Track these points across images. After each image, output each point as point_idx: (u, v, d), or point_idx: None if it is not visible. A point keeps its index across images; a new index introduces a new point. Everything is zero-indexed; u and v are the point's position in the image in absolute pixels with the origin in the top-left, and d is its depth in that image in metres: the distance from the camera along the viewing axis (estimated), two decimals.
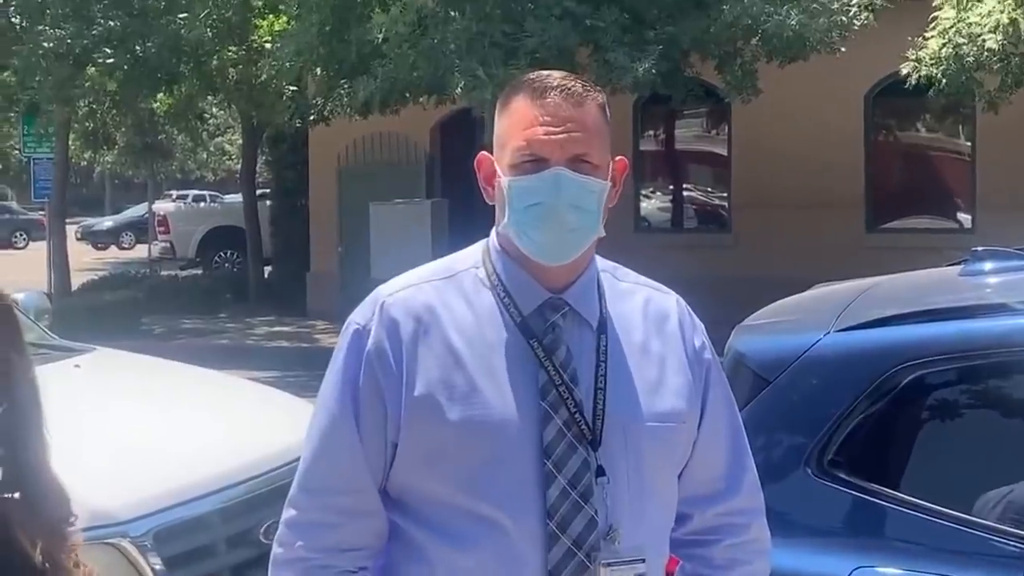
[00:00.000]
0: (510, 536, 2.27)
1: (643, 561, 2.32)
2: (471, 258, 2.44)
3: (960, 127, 17.90)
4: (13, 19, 19.50)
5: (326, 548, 2.35)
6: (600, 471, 2.29)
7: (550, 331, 2.34)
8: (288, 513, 2.40)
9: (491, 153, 2.40)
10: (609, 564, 2.28)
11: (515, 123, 2.33)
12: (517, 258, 2.37)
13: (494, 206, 2.39)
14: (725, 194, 19.01)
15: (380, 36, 13.89)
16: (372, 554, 2.38)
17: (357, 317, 2.39)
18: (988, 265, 3.85)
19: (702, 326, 2.52)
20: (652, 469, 2.36)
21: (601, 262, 2.49)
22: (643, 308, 2.45)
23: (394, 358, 2.31)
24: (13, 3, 19.34)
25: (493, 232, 2.43)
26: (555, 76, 2.36)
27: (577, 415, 2.29)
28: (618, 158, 2.42)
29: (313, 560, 2.34)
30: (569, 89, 2.32)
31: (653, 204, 20.01)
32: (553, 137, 2.29)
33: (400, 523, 2.36)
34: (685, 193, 20.00)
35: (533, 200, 2.29)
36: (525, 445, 2.28)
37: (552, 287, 2.37)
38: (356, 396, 2.34)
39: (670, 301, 2.50)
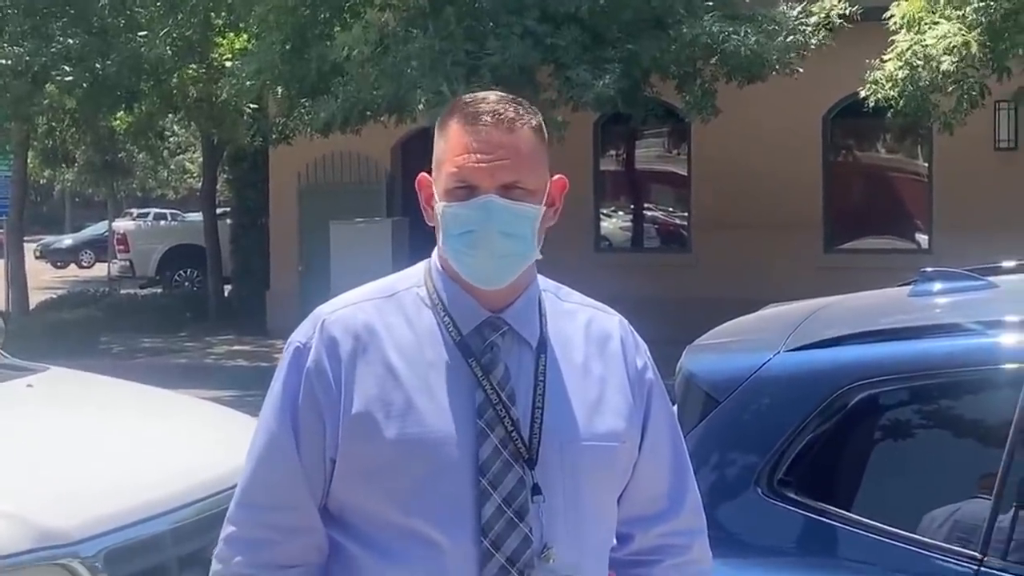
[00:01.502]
0: (444, 553, 2.28)
1: None
2: (413, 277, 2.46)
3: (917, 148, 18.03)
4: None
5: (264, 564, 2.36)
6: (536, 489, 2.30)
7: (488, 350, 2.35)
8: (227, 529, 2.41)
9: (431, 174, 2.41)
10: None
11: (448, 148, 2.35)
12: (457, 278, 2.38)
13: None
14: (685, 214, 19.07)
15: (343, 55, 13.89)
16: (311, 571, 2.38)
17: (298, 335, 2.41)
18: (937, 285, 3.88)
19: (645, 347, 2.53)
20: (590, 488, 2.36)
21: (544, 282, 2.50)
22: (585, 328, 2.46)
23: (333, 376, 2.33)
24: None
25: (435, 252, 2.45)
26: (490, 100, 2.36)
27: (514, 433, 2.30)
28: (556, 177, 2.43)
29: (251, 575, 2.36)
30: (501, 115, 2.33)
31: (614, 224, 20.05)
32: (483, 165, 2.30)
33: (339, 540, 2.37)
34: (646, 213, 20.06)
35: (465, 228, 2.31)
36: (461, 463, 2.29)
37: (491, 307, 2.38)
38: (295, 413, 2.35)
39: (613, 322, 2.51)
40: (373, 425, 2.29)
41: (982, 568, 3.13)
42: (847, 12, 14.24)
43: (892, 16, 13.20)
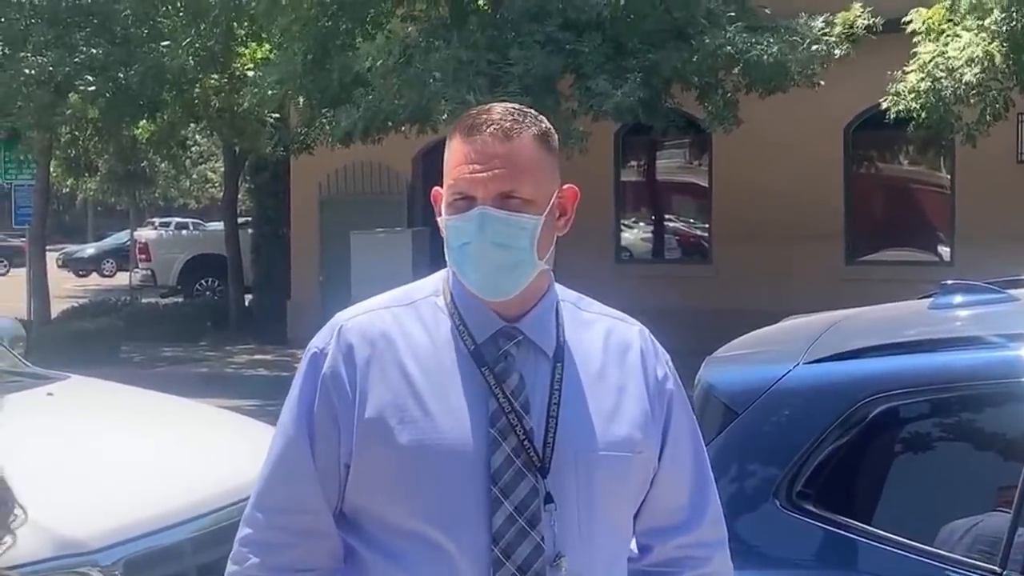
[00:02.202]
0: (455, 560, 2.28)
1: None
2: (431, 286, 2.47)
3: (940, 160, 17.96)
4: None
5: (279, 567, 2.38)
6: (549, 498, 2.30)
7: (502, 359, 2.36)
8: (243, 532, 2.43)
9: None
10: None
11: (450, 161, 2.37)
12: None
13: None
14: (706, 225, 19.04)
15: (366, 65, 13.92)
16: (325, 575, 2.40)
17: (316, 342, 2.43)
18: (957, 298, 3.87)
19: (667, 357, 2.53)
20: (604, 498, 2.36)
21: (565, 292, 2.50)
22: (604, 338, 2.46)
23: (348, 382, 2.35)
24: None
25: None
26: (493, 111, 2.37)
27: (526, 442, 2.31)
28: (566, 186, 2.43)
29: None
30: (498, 124, 2.33)
31: (634, 235, 20.04)
32: (477, 176, 2.31)
33: (354, 545, 2.38)
34: (667, 224, 20.04)
35: (463, 240, 2.33)
36: (473, 471, 2.30)
37: (507, 316, 2.39)
38: (311, 419, 2.37)
39: (633, 332, 2.51)
40: (386, 431, 2.30)
41: None
42: (870, 23, 14.21)
43: (911, 22, 13.16)
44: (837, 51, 14.18)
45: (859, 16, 14.28)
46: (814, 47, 14.06)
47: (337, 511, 2.39)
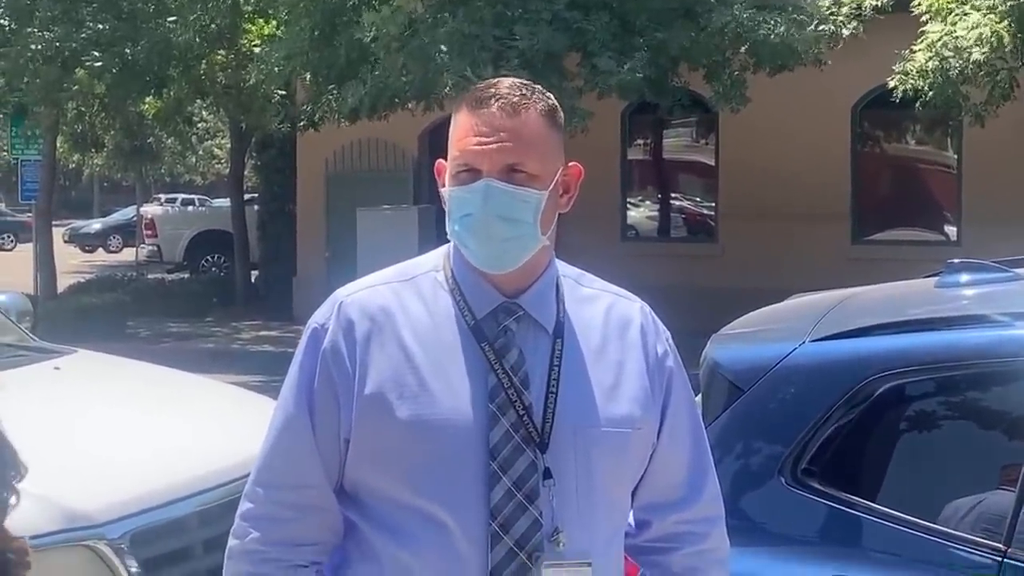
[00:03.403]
0: (453, 535, 2.29)
1: (588, 564, 2.34)
2: (432, 261, 2.47)
3: (947, 140, 17.94)
4: (1, 21, 19.45)
5: (279, 541, 2.39)
6: (547, 473, 2.31)
7: (502, 334, 2.36)
8: (244, 506, 2.44)
9: None
10: (552, 565, 2.30)
11: (455, 134, 2.37)
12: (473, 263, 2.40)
13: None
14: (712, 204, 19.03)
15: (369, 35, 13.89)
16: (325, 549, 2.42)
17: (317, 317, 2.43)
18: (963, 277, 3.86)
19: (668, 334, 2.53)
20: (603, 474, 2.37)
21: (565, 268, 2.50)
22: (605, 314, 2.46)
23: (348, 357, 2.35)
24: (2, 5, 19.30)
25: None
26: (501, 85, 2.37)
27: (525, 417, 2.32)
28: (571, 164, 2.43)
29: (266, 553, 2.38)
30: (506, 98, 2.33)
31: (640, 213, 20.03)
32: (484, 147, 2.31)
33: (354, 520, 2.39)
34: (673, 202, 20.02)
35: (465, 211, 2.33)
36: (472, 446, 2.30)
37: (507, 291, 2.39)
38: (311, 394, 2.38)
39: (634, 308, 2.50)
40: (386, 406, 2.31)
41: (1006, 560, 3.13)
42: (879, 3, 14.16)
43: (919, 4, 13.13)
44: (845, 30, 14.14)
45: None
46: (821, 27, 14.02)
47: (337, 486, 2.40)
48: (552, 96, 2.43)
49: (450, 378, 2.33)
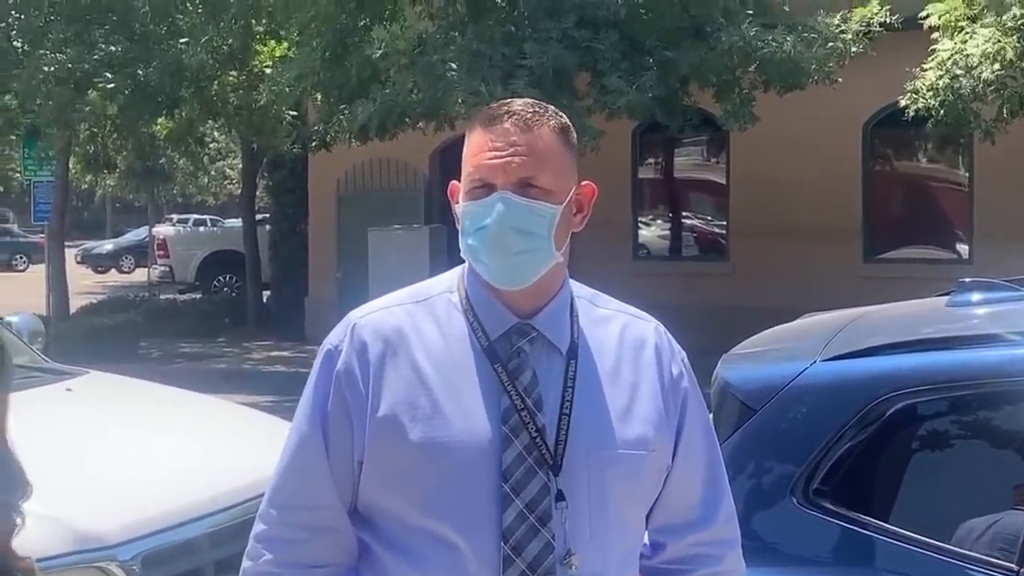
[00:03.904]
0: (465, 557, 2.28)
1: None
2: (446, 282, 2.47)
3: (958, 158, 17.91)
4: (15, 43, 19.55)
5: (293, 563, 2.39)
6: (560, 496, 2.30)
7: (515, 356, 2.35)
8: (258, 527, 2.44)
9: None
10: None
11: (469, 151, 2.37)
12: (487, 284, 2.39)
13: None
14: (723, 223, 19.01)
15: (379, 51, 13.91)
16: (339, 571, 2.41)
17: (331, 339, 2.43)
18: (975, 296, 3.86)
19: (683, 354, 2.52)
20: (616, 496, 2.36)
21: (579, 288, 2.50)
22: (619, 335, 2.46)
23: (362, 379, 2.35)
24: (15, 27, 19.39)
25: None
26: (515, 103, 2.38)
27: (538, 440, 2.31)
28: (584, 183, 2.43)
29: (279, 574, 2.39)
30: (519, 115, 2.34)
31: (652, 232, 20.02)
32: (498, 161, 2.31)
33: (368, 541, 2.39)
34: (684, 221, 20.01)
35: (479, 224, 2.33)
36: (484, 468, 2.30)
37: (520, 312, 2.39)
38: (325, 415, 2.38)
39: (648, 328, 2.50)
40: (399, 428, 2.31)
41: None
42: (887, 20, 14.16)
43: (928, 16, 13.12)
44: (853, 48, 14.14)
45: (876, 13, 14.23)
46: (830, 44, 14.02)
47: (351, 507, 2.40)
48: (564, 115, 2.43)
49: (463, 400, 2.32)
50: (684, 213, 20.12)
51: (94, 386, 6.01)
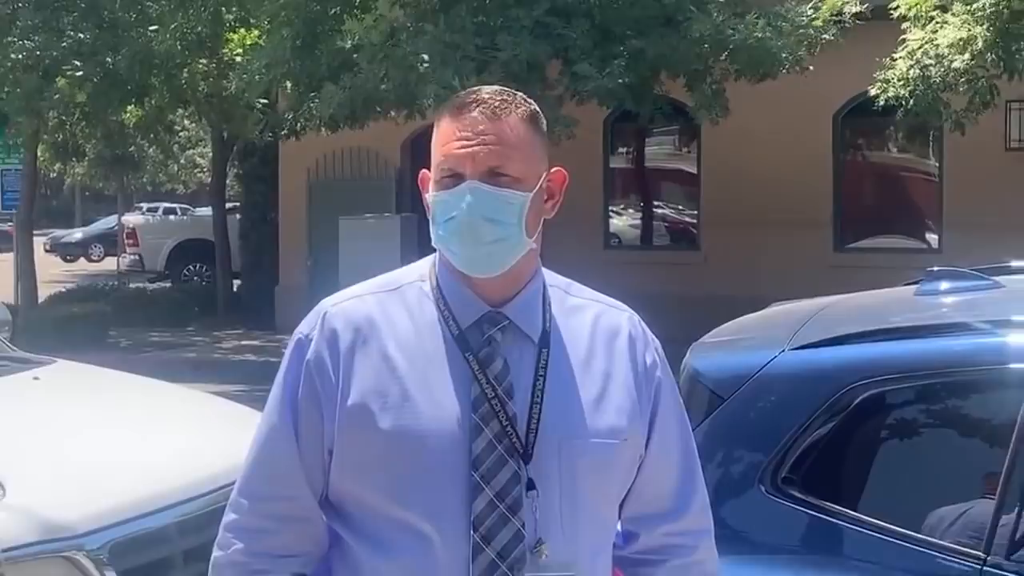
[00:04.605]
0: (435, 546, 2.28)
1: None
2: (418, 271, 2.46)
3: (928, 147, 17.98)
4: None
5: (262, 553, 2.38)
6: (530, 484, 2.30)
7: (486, 344, 2.35)
8: (228, 517, 2.43)
9: None
10: None
11: (438, 140, 2.36)
12: (458, 272, 2.38)
13: None
14: (695, 212, 19.04)
15: (351, 43, 13.88)
16: (309, 561, 2.41)
17: (302, 327, 2.43)
18: (943, 285, 3.87)
19: (656, 344, 2.51)
20: (588, 485, 2.35)
21: (553, 277, 2.49)
22: (592, 324, 2.45)
23: (332, 367, 2.34)
24: None
25: None
26: (483, 91, 2.38)
27: (508, 428, 2.30)
28: (554, 169, 2.43)
29: (249, 564, 2.38)
30: (487, 103, 2.33)
31: (623, 221, 20.04)
32: (466, 151, 2.30)
33: (339, 531, 2.38)
34: (655, 210, 20.04)
35: (449, 214, 2.32)
36: (454, 456, 2.29)
37: (492, 301, 2.38)
38: (295, 404, 2.37)
39: (622, 317, 2.49)
40: (368, 416, 2.30)
41: (985, 567, 3.13)
42: (857, 8, 14.17)
43: (898, 6, 13.15)
44: (824, 35, 14.15)
45: (846, 2, 14.24)
46: (800, 31, 14.04)
47: (322, 497, 2.39)
48: (533, 102, 2.42)
49: (433, 388, 2.32)
50: (655, 202, 20.15)
51: (62, 375, 5.98)
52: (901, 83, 12.89)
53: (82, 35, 18.27)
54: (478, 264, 2.34)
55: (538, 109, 2.42)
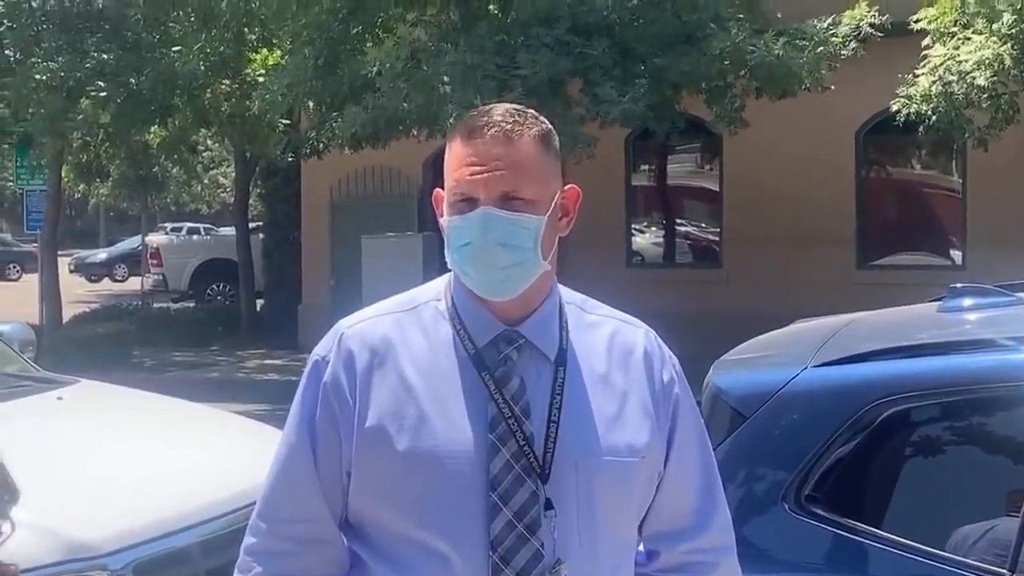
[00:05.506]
0: (454, 567, 2.27)
1: None
2: (434, 290, 2.46)
3: (951, 164, 17.93)
4: (6, 51, 19.51)
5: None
6: (548, 504, 2.29)
7: (502, 364, 2.34)
8: (248, 540, 2.43)
9: None
10: None
11: (450, 163, 2.35)
12: (473, 292, 2.38)
13: None
14: (717, 229, 19.01)
15: (374, 70, 13.94)
16: None
17: (319, 349, 2.43)
18: (967, 301, 3.85)
19: (674, 360, 2.50)
20: (606, 504, 2.34)
21: (569, 294, 2.48)
22: (608, 341, 2.44)
23: (349, 389, 2.34)
24: (6, 35, 19.37)
25: None
26: (495, 113, 2.36)
27: (526, 448, 2.29)
28: (568, 187, 2.42)
29: None
30: (500, 126, 2.32)
31: (646, 239, 20.02)
32: (478, 177, 2.30)
33: (359, 552, 2.38)
34: (678, 228, 20.02)
35: (464, 240, 2.31)
36: (471, 477, 2.28)
37: (508, 319, 2.37)
38: (313, 426, 2.37)
39: (638, 334, 2.48)
40: (385, 438, 2.30)
41: None
42: (877, 21, 14.12)
43: (920, 20, 13.12)
44: (844, 51, 14.11)
45: (866, 15, 14.20)
46: (819, 48, 14.01)
47: (342, 519, 2.39)
48: (546, 120, 2.41)
49: (450, 409, 2.31)
50: (678, 220, 20.12)
51: (85, 395, 6.00)
52: (923, 99, 12.86)
53: (106, 56, 18.37)
54: (494, 288, 2.34)
55: (551, 127, 2.41)
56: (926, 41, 13.10)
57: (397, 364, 2.34)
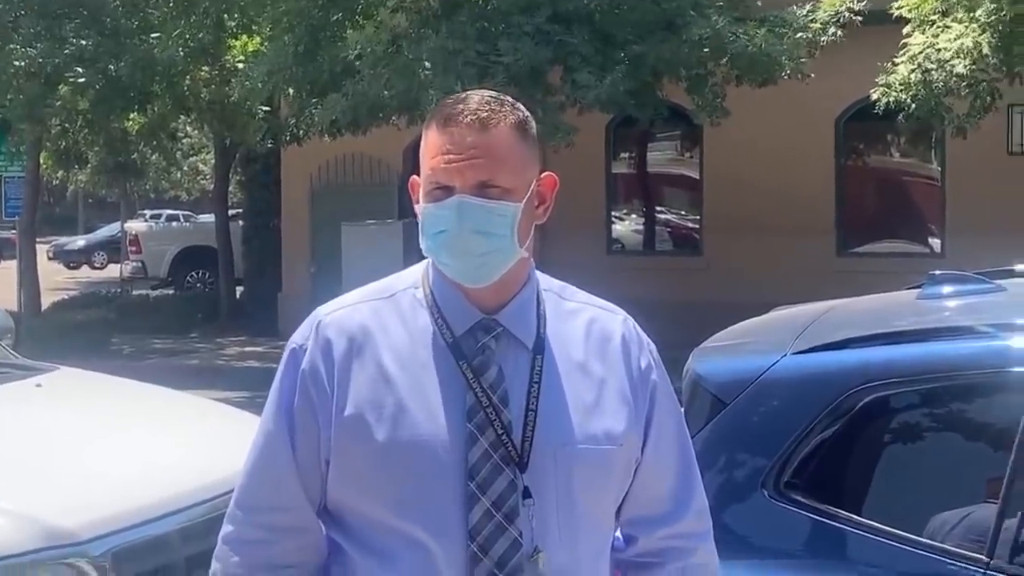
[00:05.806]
0: (433, 556, 2.27)
1: None
2: (411, 278, 2.45)
3: (930, 152, 17.99)
4: None
5: (261, 564, 2.37)
6: (526, 493, 2.29)
7: (480, 352, 2.34)
8: (225, 529, 2.43)
9: None
10: None
11: (426, 151, 2.35)
12: (450, 280, 2.37)
13: None
14: (697, 217, 19.04)
15: (354, 53, 13.91)
16: (307, 571, 2.40)
17: (296, 337, 2.42)
18: (946, 288, 3.87)
19: (651, 346, 2.50)
20: (584, 491, 2.34)
21: (547, 282, 2.48)
22: (586, 328, 2.43)
23: (327, 377, 2.33)
24: None
25: None
26: (471, 100, 2.35)
27: (504, 437, 2.29)
28: (545, 174, 2.41)
29: None
30: (475, 114, 2.31)
31: (626, 226, 20.04)
32: (454, 166, 2.29)
33: (338, 540, 2.37)
34: (658, 215, 20.04)
35: (439, 228, 2.31)
36: (450, 466, 2.28)
37: (485, 307, 2.37)
38: (291, 414, 2.36)
39: (616, 320, 2.47)
40: (364, 427, 2.29)
41: (988, 571, 3.13)
42: (855, 7, 14.14)
43: (900, 8, 13.14)
44: (823, 37, 14.14)
45: (845, 1, 14.22)
46: (799, 34, 14.03)
47: (321, 506, 2.38)
48: (522, 107, 2.40)
49: (428, 398, 2.31)
50: (658, 208, 20.15)
51: (64, 382, 5.98)
52: (903, 88, 12.89)
53: (84, 42, 18.28)
54: (470, 275, 2.33)
55: (528, 115, 2.40)
56: (906, 29, 13.11)
57: (375, 353, 2.34)
